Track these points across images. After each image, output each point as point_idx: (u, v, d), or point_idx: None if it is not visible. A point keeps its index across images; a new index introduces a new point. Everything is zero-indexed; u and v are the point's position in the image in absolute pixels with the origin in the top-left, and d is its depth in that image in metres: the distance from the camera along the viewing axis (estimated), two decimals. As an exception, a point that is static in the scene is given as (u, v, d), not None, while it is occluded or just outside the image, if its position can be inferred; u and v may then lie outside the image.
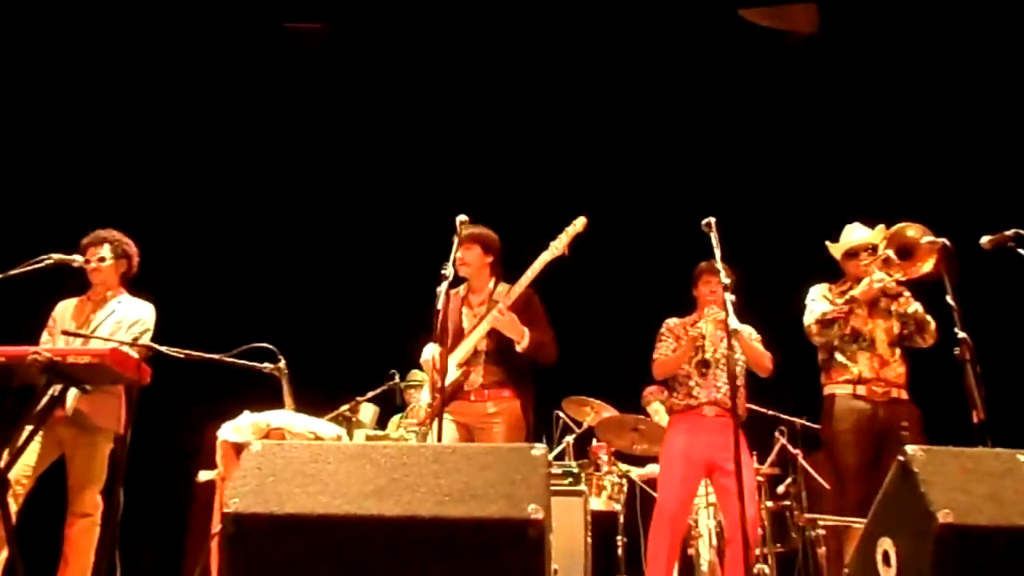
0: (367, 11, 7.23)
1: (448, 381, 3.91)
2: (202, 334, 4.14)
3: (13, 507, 3.80)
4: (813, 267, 4.57)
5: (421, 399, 4.58)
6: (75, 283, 4.40)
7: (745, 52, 7.13)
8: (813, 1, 7.08)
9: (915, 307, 4.16)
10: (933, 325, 4.08)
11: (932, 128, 6.75)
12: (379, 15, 7.24)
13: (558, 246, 4.03)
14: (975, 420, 3.32)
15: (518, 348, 3.96)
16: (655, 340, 4.62)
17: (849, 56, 7.03)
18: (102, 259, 4.34)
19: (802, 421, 5.54)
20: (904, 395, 4.13)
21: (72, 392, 3.89)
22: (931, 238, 3.88)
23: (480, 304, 4.14)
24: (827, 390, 4.25)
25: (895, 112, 6.91)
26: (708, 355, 4.29)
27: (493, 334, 4.02)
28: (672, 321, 4.64)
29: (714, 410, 4.35)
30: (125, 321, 4.28)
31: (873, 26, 6.86)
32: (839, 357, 4.20)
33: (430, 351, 4.06)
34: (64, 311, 4.39)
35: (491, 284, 4.19)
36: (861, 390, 4.09)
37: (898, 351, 4.19)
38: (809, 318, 4.27)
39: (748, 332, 4.33)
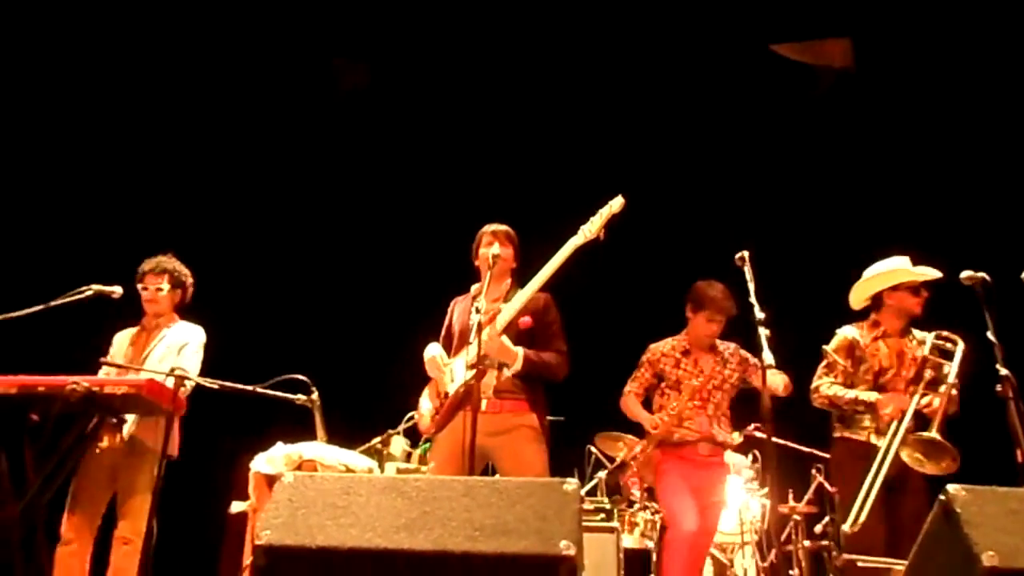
0: (408, 49, 7.35)
1: (458, 384, 3.69)
2: (236, 365, 4.18)
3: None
4: (843, 301, 4.49)
5: (421, 406, 3.96)
6: (115, 311, 4.46)
7: (777, 87, 7.13)
8: (846, 36, 7.07)
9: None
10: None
11: (968, 162, 6.68)
12: (419, 53, 7.35)
13: (590, 230, 3.73)
14: (1019, 459, 3.25)
15: (508, 372, 3.67)
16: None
17: (885, 90, 6.99)
18: (159, 289, 4.41)
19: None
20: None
21: (129, 419, 3.98)
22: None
23: (494, 301, 3.84)
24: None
25: (930, 146, 6.85)
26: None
27: (508, 333, 3.71)
28: (657, 350, 4.50)
29: (708, 448, 4.26)
30: (174, 345, 4.34)
31: (908, 60, 6.83)
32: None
33: (433, 349, 3.86)
34: (122, 341, 4.46)
35: (507, 283, 3.97)
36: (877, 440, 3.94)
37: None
38: (822, 386, 4.11)
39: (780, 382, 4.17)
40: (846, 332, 4.21)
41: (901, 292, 4.14)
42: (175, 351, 4.32)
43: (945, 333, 3.94)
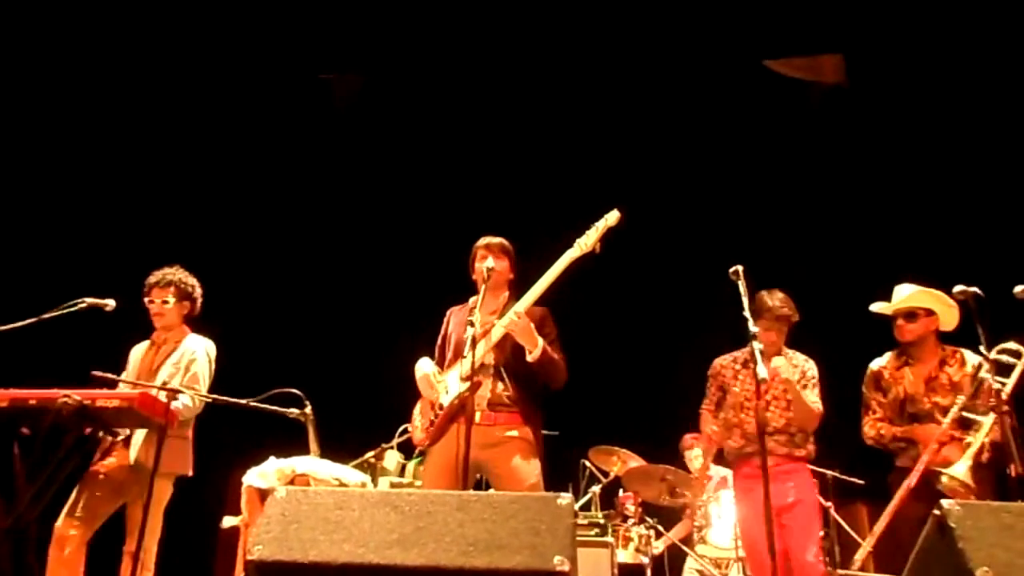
0: (399, 61, 7.37)
1: (452, 396, 3.67)
2: (229, 378, 4.16)
3: None
4: (842, 315, 4.49)
5: (415, 419, 3.96)
6: (129, 325, 4.45)
7: (772, 103, 7.17)
8: (839, 51, 7.11)
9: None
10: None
11: (961, 175, 6.70)
12: (415, 65, 7.37)
13: (586, 243, 3.74)
14: (1013, 474, 3.25)
15: (529, 358, 3.65)
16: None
17: (877, 105, 7.03)
18: (165, 302, 4.38)
19: (834, 472, 5.43)
20: None
21: (137, 438, 3.97)
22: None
23: (491, 314, 3.80)
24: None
25: (923, 159, 6.87)
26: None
27: (503, 346, 3.72)
28: (717, 363, 4.42)
29: (772, 459, 4.06)
30: (182, 362, 4.32)
31: (900, 75, 6.87)
32: None
33: (426, 367, 3.85)
34: (136, 357, 4.45)
35: (504, 296, 3.94)
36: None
37: None
38: (865, 427, 4.14)
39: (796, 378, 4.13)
40: (872, 365, 4.23)
41: (893, 324, 4.16)
42: (183, 367, 4.30)
43: (1010, 345, 3.71)
